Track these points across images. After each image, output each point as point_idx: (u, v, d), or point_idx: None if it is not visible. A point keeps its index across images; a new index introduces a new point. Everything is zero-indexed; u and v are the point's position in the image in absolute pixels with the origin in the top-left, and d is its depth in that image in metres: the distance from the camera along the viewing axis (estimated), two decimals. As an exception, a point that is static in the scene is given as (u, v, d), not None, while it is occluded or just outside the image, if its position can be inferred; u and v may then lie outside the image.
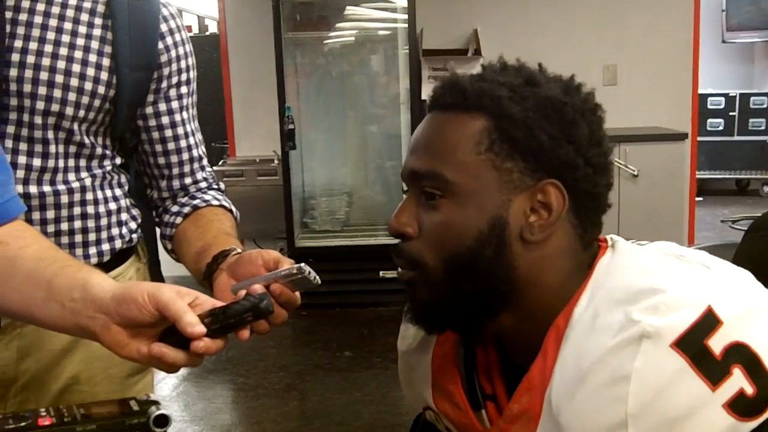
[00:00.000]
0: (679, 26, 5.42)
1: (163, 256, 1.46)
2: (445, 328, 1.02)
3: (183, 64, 1.37)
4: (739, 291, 0.88)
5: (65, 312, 0.94)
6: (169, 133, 1.37)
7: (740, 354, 0.82)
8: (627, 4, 5.40)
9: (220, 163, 5.55)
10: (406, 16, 4.78)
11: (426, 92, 4.98)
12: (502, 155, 0.93)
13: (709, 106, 7.72)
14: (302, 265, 0.99)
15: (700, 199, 6.76)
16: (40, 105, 1.22)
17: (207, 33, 8.56)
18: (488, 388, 1.04)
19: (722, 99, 7.80)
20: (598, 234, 1.00)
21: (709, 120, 7.74)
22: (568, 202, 0.93)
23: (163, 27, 1.33)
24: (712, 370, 0.82)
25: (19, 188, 1.23)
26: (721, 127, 7.81)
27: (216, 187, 1.45)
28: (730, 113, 7.80)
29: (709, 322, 0.83)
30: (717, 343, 0.82)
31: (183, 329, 0.88)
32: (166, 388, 3.81)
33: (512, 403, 0.96)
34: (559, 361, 0.90)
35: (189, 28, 8.44)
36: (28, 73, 1.21)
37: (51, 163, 1.26)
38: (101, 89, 1.26)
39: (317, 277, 1.00)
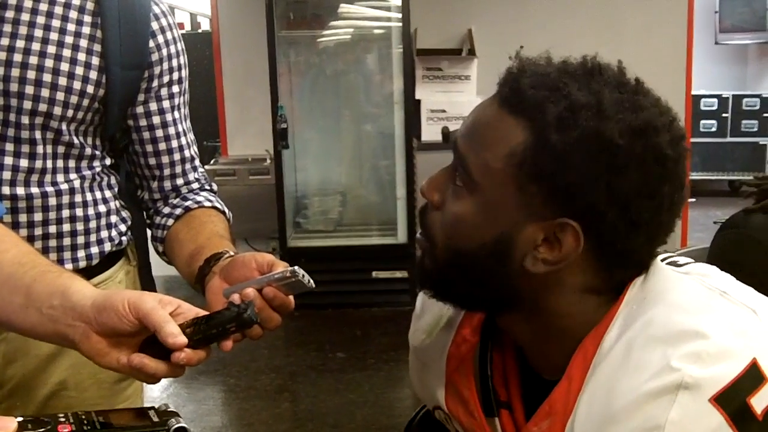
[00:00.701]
0: (672, 27, 5.41)
1: (154, 258, 1.44)
2: (447, 302, 1.00)
3: (174, 62, 1.34)
4: None
5: (44, 319, 0.91)
6: (160, 133, 1.35)
7: None
8: (621, 5, 5.38)
9: (212, 162, 5.51)
10: (400, 15, 4.76)
11: (420, 92, 4.96)
12: (530, 177, 0.86)
13: (702, 108, 7.71)
14: (296, 268, 0.97)
15: (693, 200, 6.74)
16: (28, 104, 1.19)
17: (199, 30, 8.52)
18: (503, 395, 1.01)
19: (715, 100, 7.80)
20: (637, 274, 0.91)
21: (702, 121, 7.73)
22: (587, 246, 0.86)
23: (154, 25, 1.30)
24: (752, 430, 0.78)
25: (6, 190, 1.21)
26: (714, 129, 7.81)
27: (208, 187, 1.42)
28: (723, 115, 7.79)
29: (753, 377, 0.78)
30: (759, 402, 0.78)
31: (164, 339, 0.86)
32: (156, 390, 3.78)
33: (531, 425, 0.93)
34: (585, 391, 0.86)
35: (181, 26, 8.40)
36: (15, 72, 1.18)
37: (39, 163, 1.23)
38: (90, 88, 1.23)
39: (311, 281, 0.98)
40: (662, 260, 0.94)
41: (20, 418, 0.80)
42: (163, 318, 0.87)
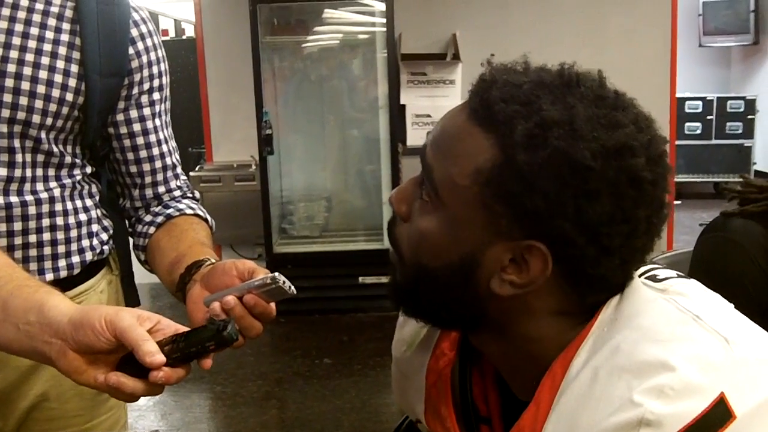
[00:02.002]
0: (656, 30, 5.44)
1: (137, 267, 1.42)
2: (419, 318, 0.97)
3: (155, 69, 1.33)
4: (759, 376, 0.77)
5: (20, 335, 0.89)
6: (141, 140, 1.33)
7: None
8: (605, 8, 5.40)
9: (197, 168, 5.49)
10: (384, 20, 4.76)
11: (405, 97, 4.96)
12: (496, 196, 0.81)
13: (687, 110, 7.75)
14: (276, 274, 0.96)
15: (679, 202, 6.79)
16: (6, 113, 1.18)
17: (184, 37, 8.49)
18: (483, 410, 0.99)
19: (700, 103, 7.84)
20: (610, 296, 0.86)
21: (687, 124, 7.77)
22: (555, 270, 0.81)
23: (134, 32, 1.29)
24: None
25: (-16, 199, 1.19)
26: (698, 131, 7.85)
27: (191, 195, 1.41)
28: (708, 117, 7.83)
29: (719, 414, 0.73)
30: None
31: (141, 359, 0.84)
32: (142, 398, 3.75)
33: None
34: (550, 418, 0.83)
35: (165, 32, 8.38)
36: None
37: (18, 172, 1.22)
38: (69, 96, 1.22)
39: (292, 287, 0.97)
40: (642, 273, 0.88)
41: None
42: (140, 336, 0.85)
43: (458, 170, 0.84)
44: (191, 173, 5.18)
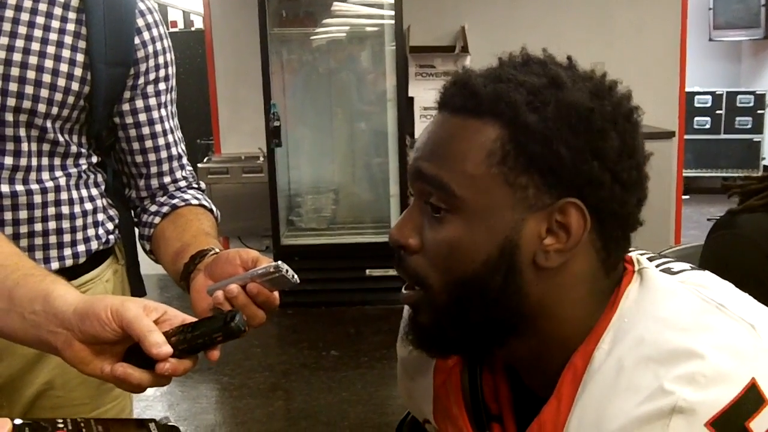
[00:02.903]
0: (666, 24, 5.41)
1: (143, 256, 1.43)
2: (449, 355, 0.95)
3: (161, 59, 1.33)
4: None
5: (26, 324, 0.89)
6: (146, 130, 1.33)
7: None
8: (615, 2, 5.38)
9: (205, 160, 5.49)
10: (393, 13, 4.75)
11: (413, 89, 4.95)
12: (517, 169, 0.81)
13: (696, 105, 7.71)
14: (279, 263, 0.95)
15: (687, 197, 6.75)
16: (11, 102, 1.18)
17: (192, 29, 8.49)
18: (494, 408, 0.96)
19: (709, 97, 7.80)
20: (624, 255, 0.89)
21: (696, 118, 7.74)
22: (591, 224, 0.82)
23: (140, 22, 1.29)
24: None
25: (-9, 187, 1.20)
26: (707, 126, 7.81)
27: (196, 186, 1.41)
28: (717, 111, 7.79)
29: (752, 399, 0.74)
30: (760, 426, 0.74)
31: (148, 350, 0.83)
32: (149, 389, 3.76)
33: None
34: (575, 411, 0.82)
35: (174, 24, 8.39)
36: None
37: (24, 161, 1.22)
38: (75, 86, 1.22)
39: (295, 276, 0.96)
40: (657, 266, 0.90)
41: (18, 421, 0.78)
42: (146, 327, 0.84)
43: (470, 163, 0.83)
44: (199, 165, 5.18)
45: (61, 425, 0.82)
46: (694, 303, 0.82)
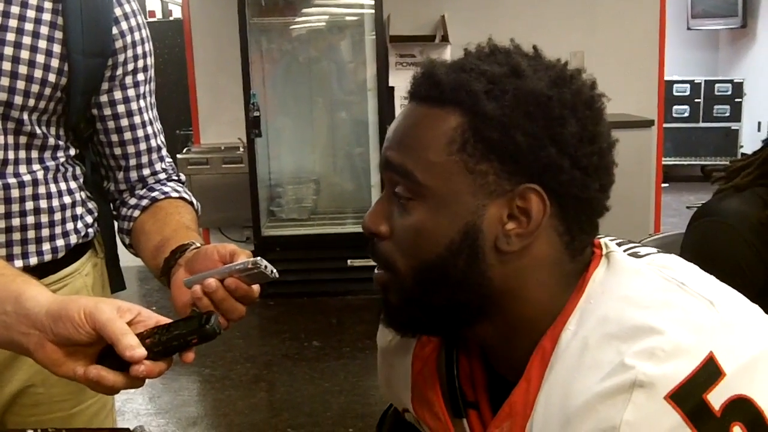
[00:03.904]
0: (645, 13, 5.43)
1: (122, 249, 1.41)
2: (417, 334, 0.97)
3: (139, 50, 1.31)
4: (745, 335, 0.80)
5: None
6: (125, 122, 1.32)
7: (742, 410, 0.76)
8: (594, -10, 5.39)
9: (184, 150, 5.46)
10: (373, 2, 4.73)
11: (393, 79, 4.94)
12: (476, 156, 0.84)
13: (675, 93, 7.76)
14: (258, 259, 0.96)
15: (666, 185, 6.79)
16: None
17: (171, 18, 8.43)
18: (470, 395, 0.98)
19: (687, 86, 7.85)
20: (591, 240, 0.91)
21: (675, 107, 7.79)
22: (551, 209, 0.85)
23: (118, 11, 1.27)
24: (711, 428, 0.75)
25: (-33, 182, 1.18)
26: (686, 114, 7.87)
27: (176, 178, 1.40)
28: (696, 100, 7.85)
29: (709, 372, 0.76)
30: (717, 398, 0.75)
31: (121, 353, 0.83)
32: (130, 381, 3.75)
33: (493, 428, 0.91)
34: (542, 391, 0.84)
35: (152, 13, 8.32)
36: None
37: (0, 155, 1.20)
38: (52, 77, 1.20)
39: (274, 271, 0.96)
40: (624, 251, 0.91)
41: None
42: (120, 330, 0.83)
43: (432, 151, 0.86)
44: (179, 155, 5.15)
45: None
46: (657, 282, 0.85)
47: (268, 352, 4.16)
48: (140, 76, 1.32)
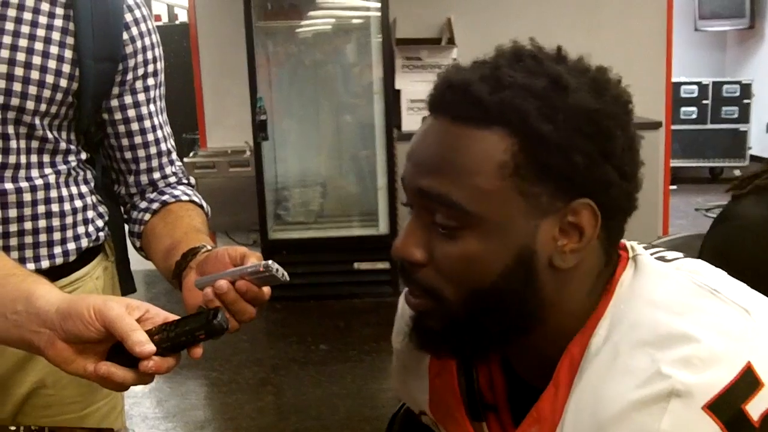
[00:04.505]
0: (652, 14, 5.43)
1: (133, 253, 1.42)
2: (462, 355, 0.94)
3: (149, 55, 1.32)
4: None
5: (8, 325, 0.89)
6: (135, 126, 1.32)
7: None
8: (600, -9, 5.39)
9: (191, 154, 5.47)
10: (379, 5, 4.74)
11: (400, 82, 4.94)
12: (530, 179, 0.80)
13: (683, 95, 7.74)
14: (270, 262, 0.96)
15: (674, 187, 6.79)
16: None
17: (177, 22, 8.45)
18: (489, 398, 0.97)
19: (695, 87, 7.84)
20: (619, 241, 0.89)
21: (683, 108, 7.77)
22: (600, 221, 0.82)
23: (128, 17, 1.28)
24: None
25: (-21, 186, 1.19)
26: (694, 116, 7.85)
27: (186, 181, 1.40)
28: (703, 101, 7.83)
29: (747, 382, 0.74)
30: (755, 408, 0.74)
31: (131, 348, 0.84)
32: (138, 385, 3.75)
33: None
34: (572, 398, 0.83)
35: (158, 17, 8.34)
36: None
37: (12, 159, 1.21)
38: (63, 82, 1.21)
39: (285, 274, 0.97)
40: (651, 254, 0.90)
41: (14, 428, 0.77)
42: (129, 326, 0.84)
43: (481, 178, 0.81)
44: (185, 159, 5.16)
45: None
46: (688, 287, 0.83)
47: (275, 356, 4.17)
48: (150, 81, 1.33)
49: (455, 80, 0.84)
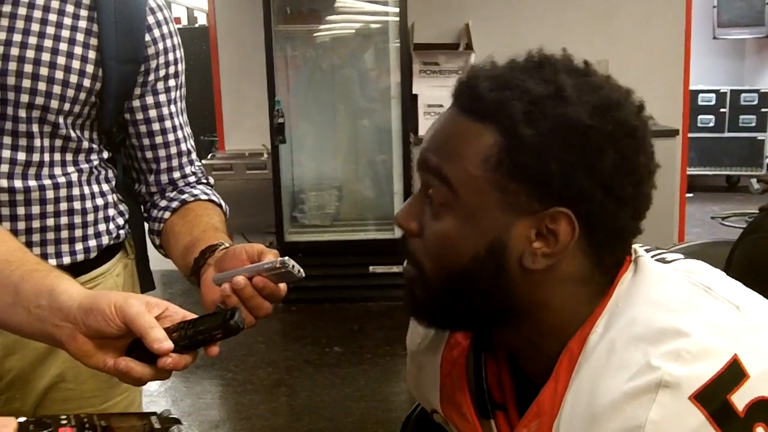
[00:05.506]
0: (670, 22, 5.42)
1: (152, 251, 1.44)
2: (440, 328, 1.00)
3: (171, 56, 1.34)
4: None
5: (31, 318, 0.91)
6: (156, 126, 1.35)
7: (765, 411, 0.77)
8: (619, -1, 5.39)
9: (209, 156, 5.51)
10: (397, 10, 4.75)
11: (417, 87, 4.96)
12: (509, 177, 0.85)
13: (700, 103, 7.71)
14: (286, 259, 0.98)
15: (691, 195, 6.76)
16: (25, 98, 1.19)
17: (196, 25, 8.51)
18: (498, 397, 1.00)
19: (713, 95, 7.80)
20: (623, 258, 0.91)
21: (700, 116, 7.74)
22: (580, 232, 0.85)
23: (150, 19, 1.31)
24: (734, 428, 0.76)
25: (4, 182, 1.22)
26: (711, 124, 7.81)
27: (205, 181, 1.43)
28: (721, 110, 7.80)
29: (733, 374, 0.77)
30: (741, 399, 0.77)
31: (149, 345, 0.86)
32: (153, 384, 3.78)
33: (521, 427, 0.93)
34: (570, 391, 0.86)
35: (178, 20, 8.40)
36: (12, 65, 1.19)
37: (36, 157, 1.24)
38: (87, 82, 1.23)
39: (301, 270, 0.99)
40: (652, 257, 0.93)
41: (22, 419, 0.79)
42: (148, 323, 0.86)
43: (469, 163, 0.86)
44: (203, 161, 5.19)
45: (64, 421, 0.83)
46: (684, 286, 0.86)
47: (290, 357, 4.18)
48: (171, 82, 1.36)
49: (470, 76, 0.90)
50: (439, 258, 0.90)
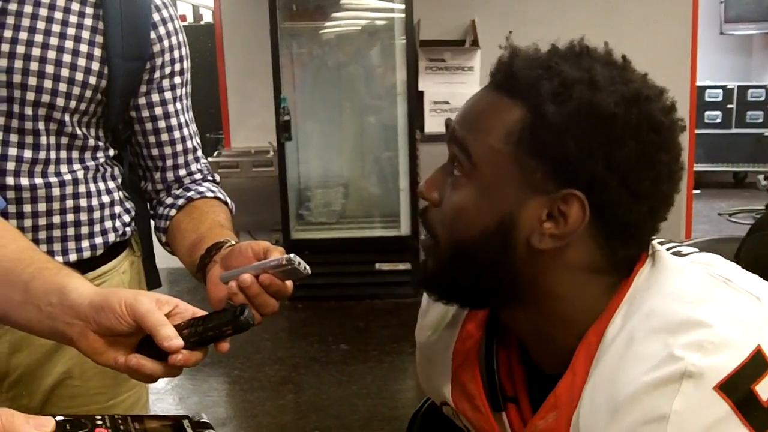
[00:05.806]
0: (677, 17, 5.40)
1: (158, 249, 1.44)
2: (448, 302, 1.00)
3: (176, 54, 1.34)
4: None
5: (42, 316, 0.91)
6: (162, 124, 1.35)
7: None
8: (625, -5, 5.37)
9: (215, 154, 5.52)
10: (403, 6, 4.75)
11: (423, 83, 4.95)
12: (529, 153, 0.86)
13: (707, 99, 7.69)
14: (292, 256, 0.98)
15: (698, 191, 6.74)
16: (30, 96, 1.20)
17: (202, 22, 8.52)
18: (510, 390, 1.01)
19: (720, 91, 7.78)
20: (638, 254, 0.91)
21: (707, 112, 7.72)
22: (591, 219, 0.86)
23: (156, 16, 1.31)
24: (759, 418, 0.76)
25: (10, 180, 1.22)
26: (718, 120, 7.79)
27: (211, 178, 1.43)
28: (728, 105, 7.77)
29: (757, 364, 0.77)
30: (765, 389, 0.77)
31: (160, 342, 0.86)
32: (160, 381, 3.77)
33: (537, 419, 0.93)
34: (589, 383, 0.86)
35: (183, 18, 8.41)
36: (18, 64, 1.19)
37: (42, 154, 1.24)
38: (92, 80, 1.23)
39: (307, 267, 0.99)
40: (667, 249, 0.93)
41: (59, 418, 0.79)
42: (158, 321, 0.87)
43: (491, 137, 0.88)
44: (209, 159, 5.18)
45: (99, 422, 0.83)
46: (702, 278, 0.86)
47: (296, 355, 4.19)
48: (177, 80, 1.36)
49: (511, 54, 0.92)
50: (451, 229, 0.92)
